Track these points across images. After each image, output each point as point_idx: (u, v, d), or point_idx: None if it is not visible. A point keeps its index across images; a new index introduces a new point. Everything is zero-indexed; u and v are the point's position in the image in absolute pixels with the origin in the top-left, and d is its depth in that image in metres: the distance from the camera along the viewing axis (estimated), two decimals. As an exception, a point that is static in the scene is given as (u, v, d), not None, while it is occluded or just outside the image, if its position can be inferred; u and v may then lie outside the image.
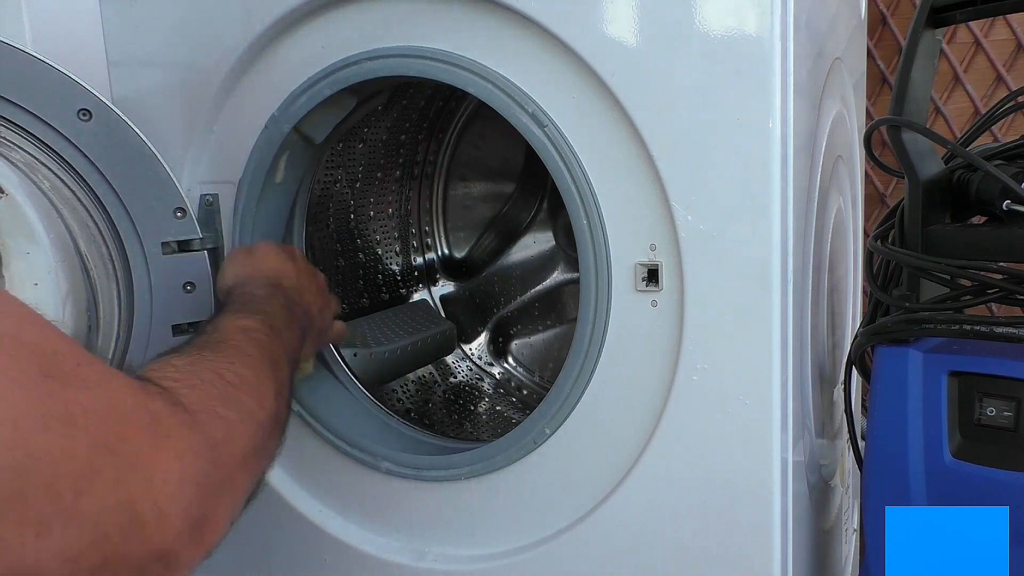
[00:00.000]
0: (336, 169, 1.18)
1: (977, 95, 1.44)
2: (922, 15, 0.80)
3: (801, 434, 0.86)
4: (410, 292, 1.35)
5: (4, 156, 0.75)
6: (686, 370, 0.77)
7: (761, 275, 0.74)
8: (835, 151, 1.01)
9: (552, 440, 0.85)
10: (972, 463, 0.74)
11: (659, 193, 0.75)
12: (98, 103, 0.84)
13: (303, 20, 0.88)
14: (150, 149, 0.86)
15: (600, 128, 0.77)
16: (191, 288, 0.91)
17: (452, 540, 0.93)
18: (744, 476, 0.77)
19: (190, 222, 0.90)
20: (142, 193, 0.87)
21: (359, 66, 0.85)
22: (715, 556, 0.80)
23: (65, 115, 0.83)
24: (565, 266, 1.36)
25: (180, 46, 0.93)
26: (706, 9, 0.72)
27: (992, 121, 0.93)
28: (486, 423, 1.25)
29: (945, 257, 0.76)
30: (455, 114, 1.31)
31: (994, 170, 0.74)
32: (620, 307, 0.79)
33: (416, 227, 1.36)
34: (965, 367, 0.75)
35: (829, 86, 0.95)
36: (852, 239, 1.20)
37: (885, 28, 1.50)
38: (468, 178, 1.37)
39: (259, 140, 0.91)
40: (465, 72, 0.81)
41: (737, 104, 0.72)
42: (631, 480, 0.82)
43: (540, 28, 0.76)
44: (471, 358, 1.35)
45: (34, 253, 0.70)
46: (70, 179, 0.84)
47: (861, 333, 0.85)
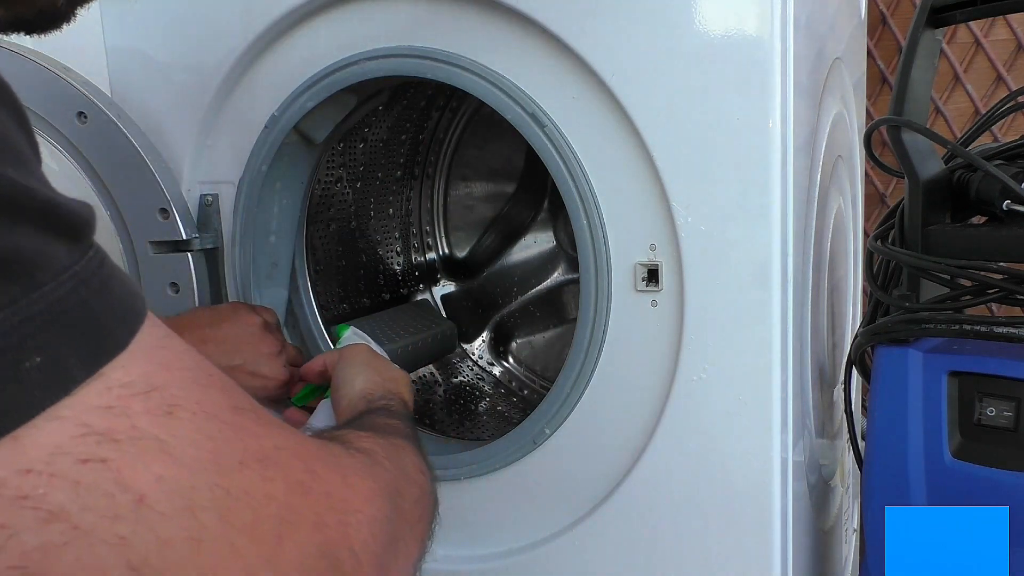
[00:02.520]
0: (337, 169, 1.18)
1: (977, 95, 1.44)
2: (922, 15, 0.80)
3: (801, 434, 0.86)
4: (411, 292, 1.35)
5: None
6: (686, 370, 0.77)
7: (761, 275, 0.74)
8: (835, 151, 1.01)
9: (552, 440, 0.85)
10: (972, 463, 0.74)
11: (659, 193, 0.76)
12: (91, 104, 0.85)
13: (303, 20, 0.88)
14: (137, 150, 0.87)
15: (600, 128, 0.77)
16: (176, 289, 0.91)
17: (452, 540, 0.93)
18: (744, 476, 0.77)
19: (173, 222, 0.90)
20: (132, 193, 0.88)
21: (359, 66, 0.85)
22: (715, 556, 0.80)
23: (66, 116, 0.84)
24: (565, 266, 1.36)
25: (180, 46, 0.93)
26: (706, 9, 0.72)
27: (992, 121, 0.92)
28: (487, 423, 1.25)
29: (945, 257, 0.76)
30: (456, 114, 1.31)
31: (994, 170, 0.74)
32: (620, 307, 0.80)
33: (417, 227, 1.36)
34: (965, 367, 0.75)
35: (829, 86, 0.95)
36: (852, 239, 1.20)
37: (885, 28, 1.50)
38: (469, 178, 1.37)
39: (259, 140, 0.91)
40: (465, 72, 0.81)
41: (737, 104, 0.72)
42: (631, 480, 0.82)
43: (540, 28, 0.76)
44: (472, 358, 1.35)
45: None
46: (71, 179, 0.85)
47: (861, 333, 0.85)
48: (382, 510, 0.44)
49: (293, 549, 0.37)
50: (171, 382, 0.34)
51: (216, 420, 0.36)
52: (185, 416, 0.34)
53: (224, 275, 0.97)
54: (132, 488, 0.31)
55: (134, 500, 0.31)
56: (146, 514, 0.31)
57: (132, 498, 0.31)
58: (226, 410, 0.37)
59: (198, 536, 0.33)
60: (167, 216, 0.90)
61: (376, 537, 0.43)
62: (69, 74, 0.87)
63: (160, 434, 0.33)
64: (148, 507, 0.31)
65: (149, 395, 0.33)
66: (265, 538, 0.35)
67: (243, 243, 0.95)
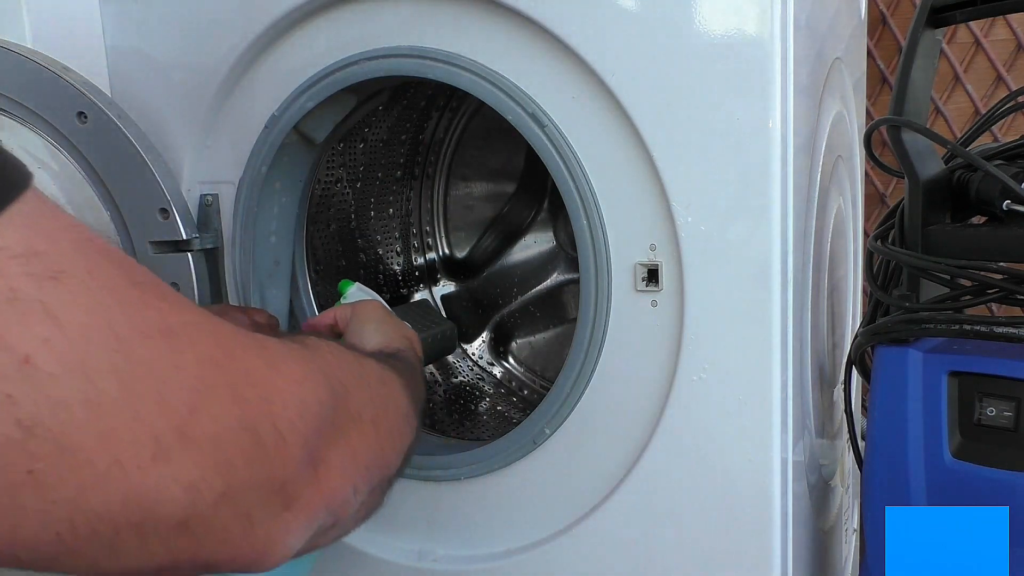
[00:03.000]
0: (337, 169, 1.18)
1: (977, 95, 1.44)
2: (922, 15, 0.80)
3: (801, 434, 0.86)
4: (411, 292, 1.35)
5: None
6: (686, 370, 0.77)
7: (761, 275, 0.74)
8: (835, 151, 1.01)
9: (552, 440, 0.85)
10: (972, 463, 0.74)
11: (659, 193, 0.76)
12: (92, 104, 0.85)
13: (303, 20, 0.88)
14: (137, 150, 0.87)
15: (600, 128, 0.77)
16: (176, 289, 0.91)
17: (452, 540, 0.93)
18: (744, 476, 0.77)
19: (173, 222, 0.90)
20: (132, 193, 0.88)
21: (359, 66, 0.85)
22: (715, 556, 0.80)
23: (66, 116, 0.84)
24: (565, 266, 1.36)
25: (180, 46, 0.93)
26: (706, 9, 0.72)
27: (992, 121, 0.92)
28: (487, 423, 1.25)
29: (945, 257, 0.76)
30: (456, 114, 1.31)
31: (994, 170, 0.74)
32: (620, 307, 0.80)
33: (417, 227, 1.36)
34: (965, 367, 0.75)
35: (829, 86, 0.95)
36: (852, 239, 1.20)
37: (885, 28, 1.50)
38: (469, 178, 1.38)
39: (259, 140, 0.91)
40: (465, 72, 0.81)
41: (737, 104, 0.72)
42: (631, 480, 0.82)
43: (540, 28, 0.76)
44: (472, 358, 1.35)
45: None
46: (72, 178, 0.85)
47: (861, 333, 0.85)
48: (314, 395, 0.42)
49: (207, 420, 0.35)
50: (56, 250, 0.32)
51: (111, 292, 0.34)
52: (73, 284, 0.32)
53: (224, 275, 0.97)
54: (14, 348, 0.30)
55: (18, 360, 0.30)
56: (33, 374, 0.30)
57: (15, 358, 0.30)
58: (123, 283, 0.35)
59: (96, 400, 0.32)
60: (167, 216, 0.90)
61: (305, 420, 0.40)
62: (69, 74, 0.87)
63: (43, 298, 0.31)
64: (35, 367, 0.30)
65: (29, 259, 0.31)
66: (174, 407, 0.34)
67: (243, 243, 0.95)
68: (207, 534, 0.36)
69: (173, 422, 0.34)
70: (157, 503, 0.33)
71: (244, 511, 0.37)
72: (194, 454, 0.34)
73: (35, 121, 0.87)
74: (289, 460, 0.39)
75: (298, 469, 0.39)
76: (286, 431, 0.39)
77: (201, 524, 0.35)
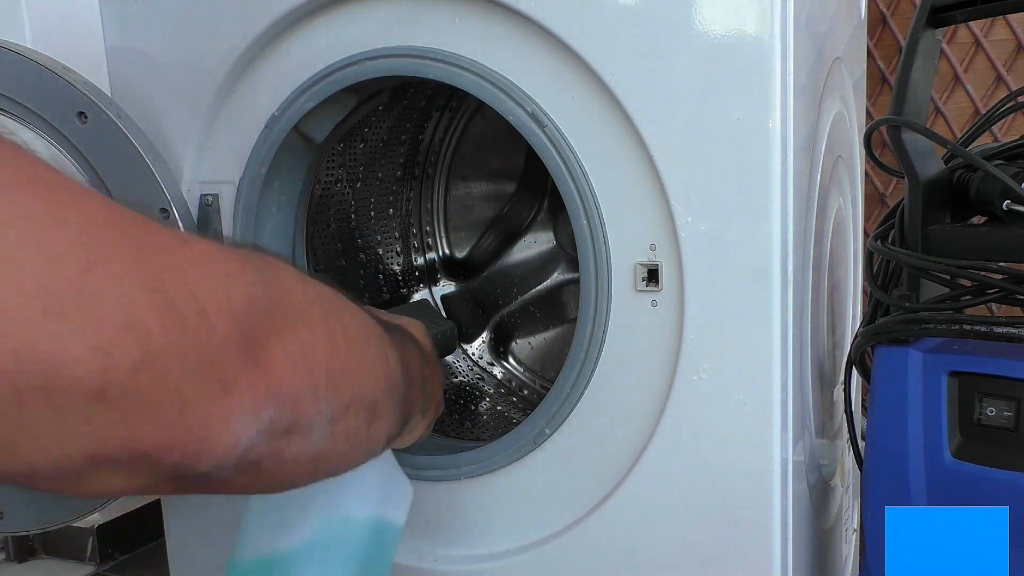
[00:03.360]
0: (337, 169, 1.18)
1: (977, 95, 1.44)
2: (922, 15, 0.80)
3: (801, 434, 0.86)
4: (411, 292, 1.35)
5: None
6: (686, 370, 0.77)
7: (761, 275, 0.74)
8: (835, 151, 1.01)
9: (552, 440, 0.85)
10: (972, 463, 0.74)
11: (659, 193, 0.76)
12: (92, 104, 0.85)
13: (303, 20, 0.88)
14: (137, 150, 0.87)
15: (600, 128, 0.77)
16: None
17: (452, 540, 0.93)
18: (744, 476, 0.77)
19: (174, 223, 0.90)
20: (132, 193, 0.88)
21: (359, 66, 0.85)
22: (715, 556, 0.80)
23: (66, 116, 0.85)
24: (565, 266, 1.36)
25: (180, 45, 0.93)
26: (706, 9, 0.72)
27: (992, 121, 0.92)
28: (487, 423, 1.25)
29: (945, 257, 0.76)
30: (456, 114, 1.31)
31: (994, 170, 0.74)
32: (620, 307, 0.80)
33: (417, 227, 1.36)
34: (965, 367, 0.75)
35: (829, 86, 0.95)
36: (852, 239, 1.20)
37: (885, 28, 1.50)
38: (469, 178, 1.37)
39: (259, 140, 0.91)
40: (465, 72, 0.81)
41: (737, 104, 0.72)
42: (631, 480, 0.82)
43: (540, 28, 0.76)
44: (472, 358, 1.35)
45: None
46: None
47: (861, 333, 0.85)
48: (241, 276, 0.38)
49: (106, 278, 0.32)
50: None
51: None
52: None
53: (224, 275, 0.97)
54: None
55: None
56: None
57: None
58: (8, 153, 0.32)
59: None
60: (167, 216, 0.90)
61: (231, 297, 0.37)
62: (69, 74, 0.87)
63: None
64: None
65: None
66: (61, 260, 0.31)
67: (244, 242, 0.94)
68: (132, 409, 0.33)
69: (62, 274, 0.30)
70: (60, 364, 0.30)
71: (173, 385, 0.34)
72: (94, 310, 0.31)
73: (35, 121, 0.87)
74: (214, 334, 0.35)
75: (229, 347, 0.36)
76: (207, 301, 0.35)
77: (121, 394, 0.32)
